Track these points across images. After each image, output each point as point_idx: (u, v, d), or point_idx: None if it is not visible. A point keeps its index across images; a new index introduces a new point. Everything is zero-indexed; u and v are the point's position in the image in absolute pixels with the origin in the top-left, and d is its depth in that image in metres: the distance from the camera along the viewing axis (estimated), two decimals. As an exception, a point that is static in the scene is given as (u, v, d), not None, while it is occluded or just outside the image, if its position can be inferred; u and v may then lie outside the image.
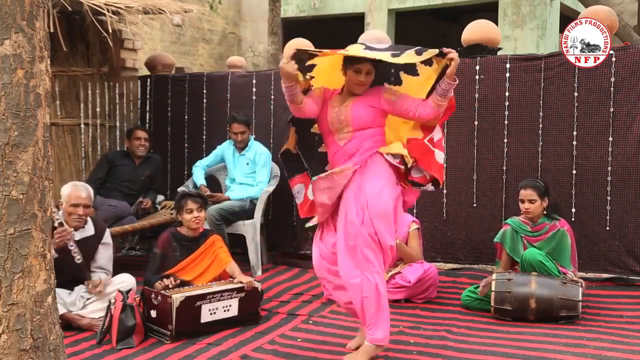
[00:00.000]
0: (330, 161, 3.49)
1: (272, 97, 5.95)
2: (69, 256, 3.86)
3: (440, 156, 3.47)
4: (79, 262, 3.90)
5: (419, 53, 3.23)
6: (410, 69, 3.43)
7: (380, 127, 3.44)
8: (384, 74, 3.47)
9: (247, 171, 5.61)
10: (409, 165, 3.45)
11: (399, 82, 3.45)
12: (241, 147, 5.62)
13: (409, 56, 3.24)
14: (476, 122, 5.18)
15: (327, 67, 3.46)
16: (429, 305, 4.43)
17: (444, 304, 4.47)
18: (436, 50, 3.25)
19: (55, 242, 3.71)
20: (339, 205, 3.39)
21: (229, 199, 5.42)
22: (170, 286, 3.93)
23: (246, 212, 5.41)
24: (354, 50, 3.31)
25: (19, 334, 2.40)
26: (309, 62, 3.38)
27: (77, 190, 4.04)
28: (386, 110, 3.40)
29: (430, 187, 3.53)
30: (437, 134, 3.48)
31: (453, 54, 3.24)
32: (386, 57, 3.22)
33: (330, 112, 3.40)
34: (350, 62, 3.36)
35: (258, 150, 5.59)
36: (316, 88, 3.45)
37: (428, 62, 3.36)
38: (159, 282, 3.97)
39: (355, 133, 3.36)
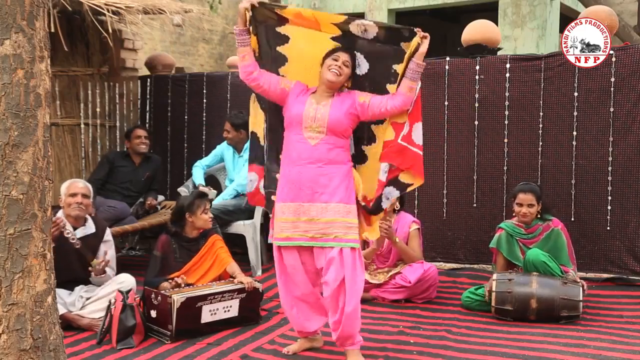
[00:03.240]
0: (286, 156, 3.42)
1: (272, 97, 5.94)
2: (69, 251, 3.85)
3: (416, 151, 3.39)
4: (78, 247, 3.92)
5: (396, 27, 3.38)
6: (387, 76, 3.42)
7: (348, 139, 3.43)
8: (364, 82, 3.47)
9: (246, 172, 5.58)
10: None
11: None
12: (239, 147, 5.59)
13: (388, 24, 3.39)
14: (476, 122, 5.18)
15: (305, 65, 3.48)
16: (429, 305, 4.43)
17: (444, 304, 4.47)
18: (409, 28, 3.30)
19: (51, 231, 3.71)
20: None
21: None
22: (183, 285, 3.94)
23: (245, 212, 5.40)
24: (326, 16, 3.40)
25: (19, 334, 2.39)
26: (283, 32, 3.43)
27: (74, 182, 4.15)
28: (360, 116, 3.37)
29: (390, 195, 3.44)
30: (417, 136, 3.37)
31: (425, 34, 3.27)
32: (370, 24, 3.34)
33: (308, 107, 3.35)
34: (330, 53, 3.36)
35: (257, 151, 5.56)
36: (285, 77, 3.46)
37: (401, 58, 3.36)
38: (169, 282, 3.97)
39: (328, 136, 3.33)
